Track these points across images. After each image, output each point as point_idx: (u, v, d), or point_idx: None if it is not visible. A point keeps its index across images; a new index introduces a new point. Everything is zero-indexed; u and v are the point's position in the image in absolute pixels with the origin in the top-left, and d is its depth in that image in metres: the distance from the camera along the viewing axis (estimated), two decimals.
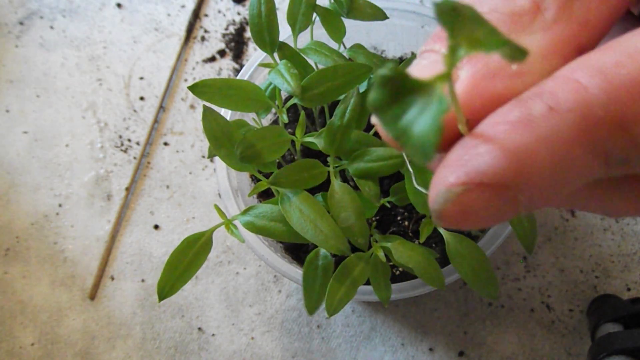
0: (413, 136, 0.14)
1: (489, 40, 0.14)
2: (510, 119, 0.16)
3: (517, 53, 0.14)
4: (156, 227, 0.51)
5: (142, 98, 0.56)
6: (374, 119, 0.17)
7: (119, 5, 0.60)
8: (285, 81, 0.31)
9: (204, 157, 0.54)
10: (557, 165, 0.16)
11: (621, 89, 0.15)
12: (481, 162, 0.16)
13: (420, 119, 0.14)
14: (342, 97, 0.32)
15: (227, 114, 0.39)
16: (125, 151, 0.54)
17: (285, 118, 0.33)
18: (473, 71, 0.17)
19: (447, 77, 0.14)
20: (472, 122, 0.17)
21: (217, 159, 0.38)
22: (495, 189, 0.16)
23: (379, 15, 0.37)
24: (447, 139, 0.17)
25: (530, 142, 0.15)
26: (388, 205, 0.36)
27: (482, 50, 0.14)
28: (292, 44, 0.35)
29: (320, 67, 0.35)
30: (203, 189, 0.52)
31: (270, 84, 0.35)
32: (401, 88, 0.14)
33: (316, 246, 0.31)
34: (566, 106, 0.15)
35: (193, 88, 0.30)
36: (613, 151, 0.16)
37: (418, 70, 0.18)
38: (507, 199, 0.16)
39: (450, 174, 0.16)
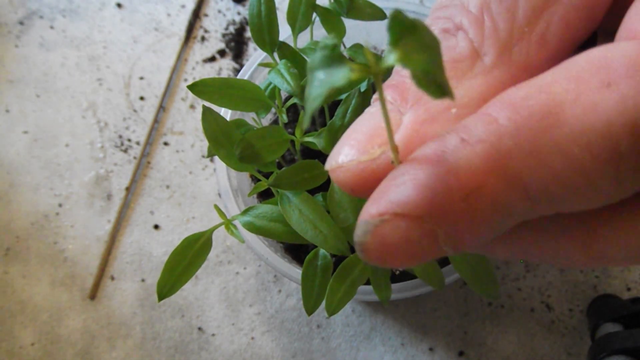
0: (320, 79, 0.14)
1: (424, 65, 0.14)
2: (426, 152, 0.16)
3: (443, 91, 0.15)
4: (156, 227, 0.51)
5: (142, 98, 0.56)
6: None
7: (119, 5, 0.60)
8: (285, 81, 0.31)
9: (204, 157, 0.54)
10: (471, 198, 0.16)
11: (529, 118, 0.15)
12: (396, 193, 0.16)
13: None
14: (341, 97, 0.32)
15: (226, 113, 0.39)
16: (125, 151, 0.54)
17: (285, 118, 0.33)
18: (415, 116, 0.18)
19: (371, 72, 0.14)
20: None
21: (217, 159, 0.38)
22: (410, 220, 0.16)
23: (379, 15, 0.36)
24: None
25: (440, 173, 0.16)
26: None
27: (410, 67, 0.14)
28: (292, 44, 0.35)
29: None
30: (203, 189, 0.52)
31: (270, 83, 0.35)
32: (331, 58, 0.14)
33: (316, 246, 0.31)
34: (476, 137, 0.16)
35: (192, 87, 0.30)
36: (531, 183, 0.15)
37: (366, 119, 0.19)
38: (424, 233, 0.16)
39: (372, 205, 0.16)
